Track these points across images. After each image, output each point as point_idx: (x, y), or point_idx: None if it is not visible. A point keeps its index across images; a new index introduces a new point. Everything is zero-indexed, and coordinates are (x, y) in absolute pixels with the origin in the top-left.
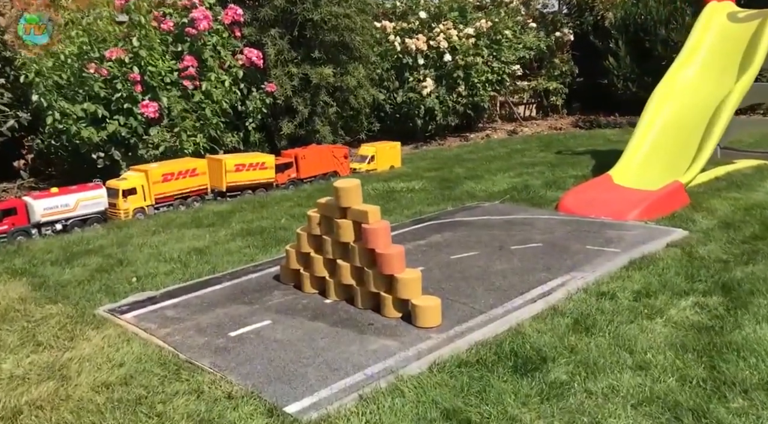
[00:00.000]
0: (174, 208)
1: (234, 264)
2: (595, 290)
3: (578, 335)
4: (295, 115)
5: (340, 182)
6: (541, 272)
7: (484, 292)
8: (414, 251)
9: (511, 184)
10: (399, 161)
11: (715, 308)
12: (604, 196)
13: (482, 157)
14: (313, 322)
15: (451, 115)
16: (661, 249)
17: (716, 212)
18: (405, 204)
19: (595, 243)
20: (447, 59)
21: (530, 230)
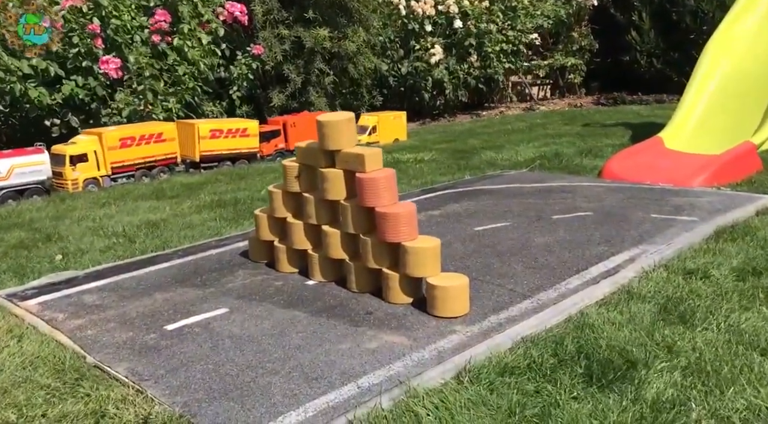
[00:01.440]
0: (135, 181)
1: (193, 239)
2: (679, 266)
3: (673, 327)
4: (287, 85)
5: (326, 116)
6: (599, 244)
7: (525, 270)
8: (426, 223)
9: (539, 152)
10: (405, 134)
11: None
12: (657, 161)
13: (499, 130)
14: (287, 310)
15: (461, 88)
16: (751, 217)
17: None
18: (413, 174)
19: (662, 211)
20: (458, 26)
21: (573, 198)
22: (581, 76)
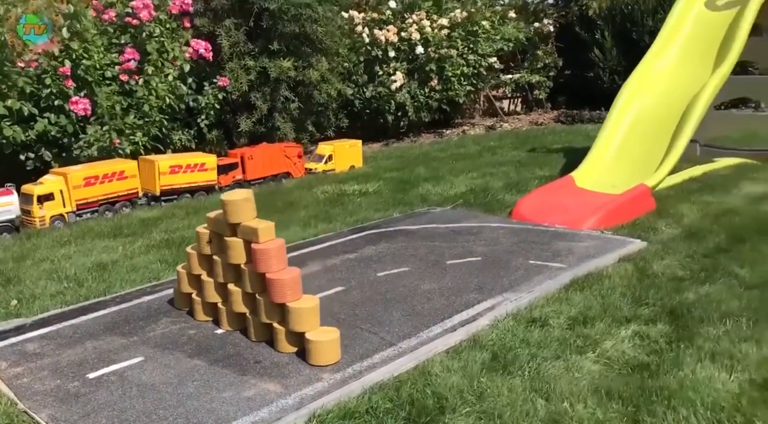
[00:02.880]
0: (99, 215)
1: (133, 283)
2: (526, 315)
3: (493, 374)
4: (254, 111)
5: (229, 194)
6: (472, 292)
7: (402, 318)
8: (340, 267)
9: (471, 185)
10: (360, 161)
11: (656, 339)
12: (564, 201)
13: (451, 155)
14: (191, 359)
15: (424, 110)
16: (612, 264)
17: (682, 219)
18: (351, 210)
19: (540, 257)
20: (419, 52)
21: (474, 241)
22: (546, 92)
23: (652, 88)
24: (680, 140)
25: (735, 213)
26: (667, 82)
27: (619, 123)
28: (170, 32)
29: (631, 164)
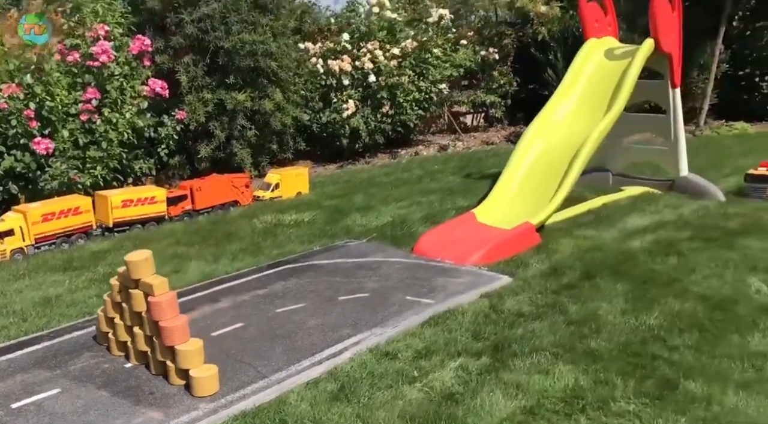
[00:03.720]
0: (57, 246)
1: (69, 318)
2: (382, 349)
3: (335, 403)
4: (212, 139)
5: (132, 256)
6: (348, 328)
7: (282, 353)
8: (247, 303)
9: (395, 216)
10: (306, 187)
11: (472, 371)
12: (460, 236)
13: (393, 180)
14: (99, 390)
15: (378, 134)
16: (471, 301)
17: (555, 254)
18: (280, 242)
19: (418, 293)
20: (371, 80)
21: (370, 277)
22: (502, 111)
23: (553, 131)
24: (567, 181)
25: (601, 249)
26: (566, 125)
27: (520, 162)
28: (131, 70)
29: (528, 202)
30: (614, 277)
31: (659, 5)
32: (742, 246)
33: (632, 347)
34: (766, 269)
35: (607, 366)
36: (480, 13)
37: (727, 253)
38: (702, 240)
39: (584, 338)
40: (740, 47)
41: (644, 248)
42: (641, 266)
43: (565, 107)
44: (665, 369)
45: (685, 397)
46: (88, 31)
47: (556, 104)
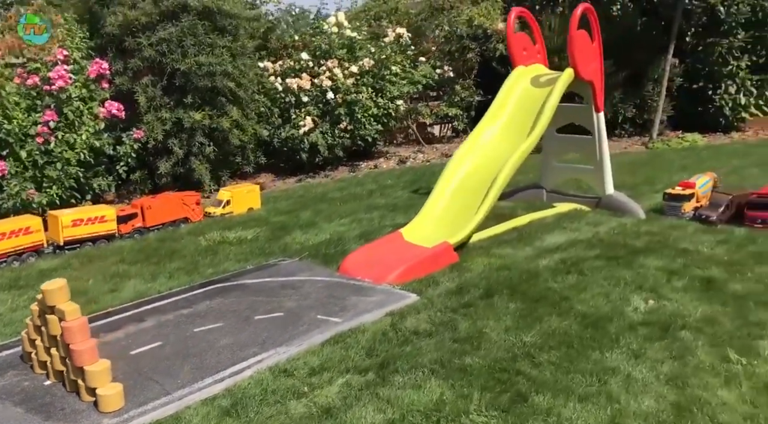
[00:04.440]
0: (7, 265)
1: (4, 337)
2: (281, 367)
3: (224, 419)
4: (171, 156)
5: (47, 284)
6: (256, 347)
7: (190, 371)
8: (170, 323)
9: (333, 233)
10: (258, 203)
11: (354, 387)
12: (385, 255)
13: (345, 195)
14: (15, 407)
15: (337, 148)
16: (376, 319)
17: (466, 273)
18: (217, 261)
19: (330, 312)
20: (330, 97)
21: (291, 296)
22: (464, 123)
23: (480, 152)
24: (486, 203)
25: (509, 268)
26: (492, 147)
27: (448, 182)
28: (89, 93)
29: (452, 221)
30: (511, 295)
31: (576, 37)
32: (639, 265)
33: (502, 364)
34: (652, 287)
35: (473, 381)
36: (445, 28)
37: (623, 271)
38: (606, 259)
39: (463, 354)
40: (693, 62)
41: (549, 266)
42: (540, 285)
43: (493, 130)
44: (523, 384)
45: (529, 409)
46: (46, 56)
47: (485, 127)
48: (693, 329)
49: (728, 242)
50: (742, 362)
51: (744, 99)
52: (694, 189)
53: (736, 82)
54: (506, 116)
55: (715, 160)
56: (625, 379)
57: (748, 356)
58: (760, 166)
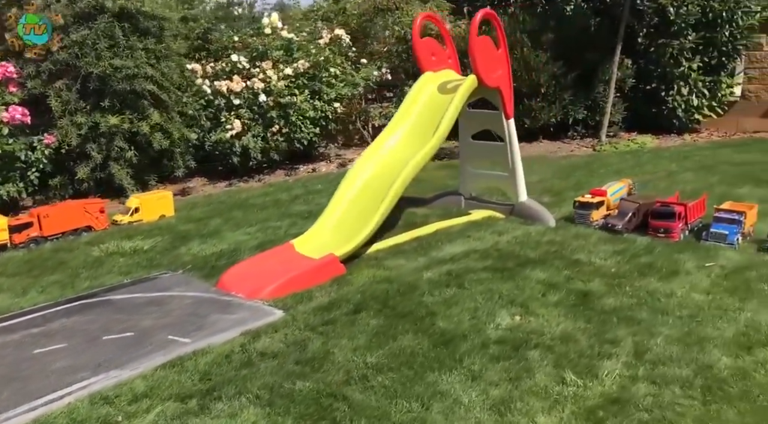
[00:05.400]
0: None
1: None
2: (105, 393)
3: None
4: (90, 161)
5: None
6: (89, 370)
7: (8, 397)
8: (10, 344)
9: (232, 244)
10: (171, 210)
11: (168, 416)
12: (267, 268)
13: (267, 201)
14: None
15: (273, 151)
16: (228, 339)
17: (346, 286)
18: (100, 274)
19: (183, 332)
20: (262, 100)
21: (153, 314)
22: None
23: (381, 160)
24: (378, 212)
25: (392, 281)
26: (394, 155)
27: (346, 191)
28: None
29: (348, 231)
30: (379, 311)
31: (477, 44)
32: (523, 277)
33: (332, 388)
34: (524, 302)
35: (293, 409)
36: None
37: (504, 284)
38: (493, 270)
39: (299, 378)
40: (646, 63)
41: (432, 279)
42: (414, 299)
43: (397, 137)
44: (341, 411)
45: None
46: None
47: (389, 134)
48: (544, 348)
49: (624, 252)
50: (577, 384)
51: (697, 100)
52: (605, 197)
53: (689, 84)
54: (410, 123)
55: (654, 164)
56: (450, 405)
57: (586, 377)
58: (696, 171)
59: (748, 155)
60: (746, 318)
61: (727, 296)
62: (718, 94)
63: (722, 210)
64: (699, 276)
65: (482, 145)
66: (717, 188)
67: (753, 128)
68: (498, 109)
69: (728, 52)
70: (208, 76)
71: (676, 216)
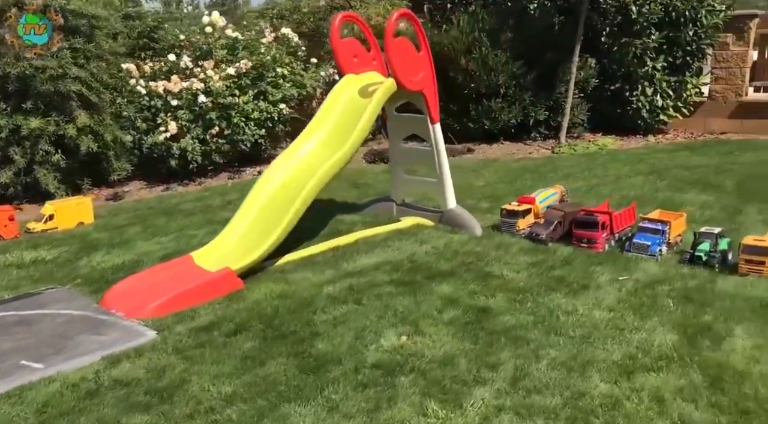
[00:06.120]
0: None
1: None
2: None
3: None
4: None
5: None
6: None
7: None
8: None
9: (139, 255)
10: (90, 217)
11: None
12: (158, 283)
13: (197, 207)
14: None
15: (215, 153)
16: (84, 365)
17: (238, 302)
18: None
19: (40, 356)
20: (201, 101)
21: (18, 335)
22: None
23: (295, 166)
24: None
25: (288, 296)
26: (309, 161)
27: (254, 199)
28: None
29: (254, 242)
30: (261, 331)
31: (393, 46)
32: (427, 292)
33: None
34: (417, 320)
35: None
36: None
37: (404, 300)
38: (399, 284)
39: (140, 410)
40: (610, 63)
41: (333, 294)
42: (303, 317)
43: (313, 143)
44: None
45: None
46: None
47: (305, 138)
48: (419, 373)
49: (540, 264)
50: (438, 416)
51: (661, 101)
52: (533, 204)
53: (653, 84)
54: (328, 127)
55: (606, 168)
56: None
57: (450, 408)
58: (647, 175)
59: (704, 158)
60: (639, 339)
61: (629, 314)
62: (684, 95)
63: (647, 220)
64: (609, 291)
65: (411, 150)
66: (661, 194)
67: (720, 129)
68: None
69: (693, 52)
70: (145, 76)
71: (599, 226)
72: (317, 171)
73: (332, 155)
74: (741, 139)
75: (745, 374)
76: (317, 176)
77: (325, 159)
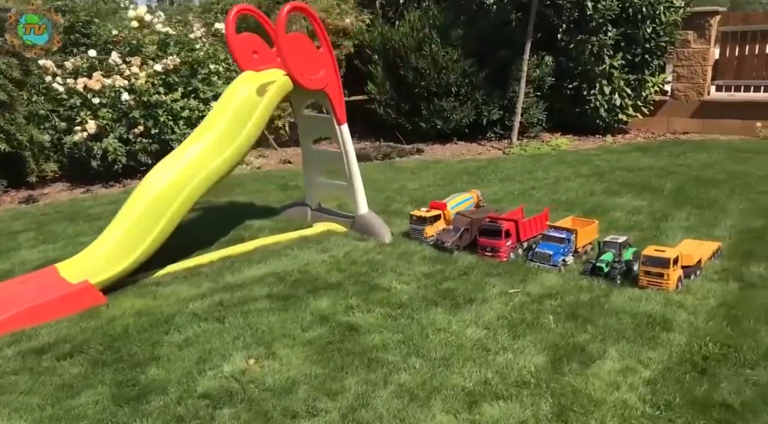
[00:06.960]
0: None
1: None
2: None
3: None
4: None
5: None
6: None
7: None
8: None
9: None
10: None
11: None
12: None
13: (109, 211)
14: None
15: (141, 154)
16: None
17: (89, 320)
18: None
19: None
20: (125, 99)
21: None
22: None
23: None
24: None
25: (146, 314)
26: (197, 162)
27: (131, 207)
28: None
29: (131, 251)
30: (98, 354)
31: (286, 42)
32: (301, 308)
33: None
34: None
35: None
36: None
37: (271, 317)
38: (275, 299)
39: None
40: (567, 60)
41: (197, 311)
42: (152, 338)
43: (202, 144)
44: None
45: None
46: None
47: (195, 139)
48: (248, 404)
49: (436, 275)
50: None
51: (620, 100)
52: (443, 210)
53: (611, 82)
54: (221, 127)
55: (548, 170)
56: None
57: None
58: (587, 178)
59: (653, 160)
60: (502, 361)
61: (504, 332)
62: (643, 94)
63: (552, 227)
64: (493, 305)
65: (321, 152)
66: (594, 198)
67: (682, 129)
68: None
69: (652, 50)
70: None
71: (502, 233)
72: (201, 173)
73: (220, 156)
74: (700, 139)
75: (599, 403)
76: (198, 179)
77: (214, 161)
